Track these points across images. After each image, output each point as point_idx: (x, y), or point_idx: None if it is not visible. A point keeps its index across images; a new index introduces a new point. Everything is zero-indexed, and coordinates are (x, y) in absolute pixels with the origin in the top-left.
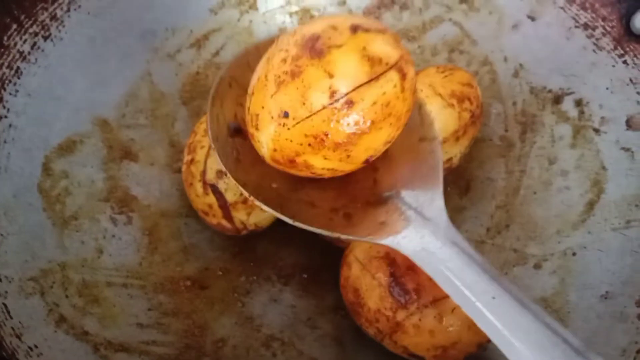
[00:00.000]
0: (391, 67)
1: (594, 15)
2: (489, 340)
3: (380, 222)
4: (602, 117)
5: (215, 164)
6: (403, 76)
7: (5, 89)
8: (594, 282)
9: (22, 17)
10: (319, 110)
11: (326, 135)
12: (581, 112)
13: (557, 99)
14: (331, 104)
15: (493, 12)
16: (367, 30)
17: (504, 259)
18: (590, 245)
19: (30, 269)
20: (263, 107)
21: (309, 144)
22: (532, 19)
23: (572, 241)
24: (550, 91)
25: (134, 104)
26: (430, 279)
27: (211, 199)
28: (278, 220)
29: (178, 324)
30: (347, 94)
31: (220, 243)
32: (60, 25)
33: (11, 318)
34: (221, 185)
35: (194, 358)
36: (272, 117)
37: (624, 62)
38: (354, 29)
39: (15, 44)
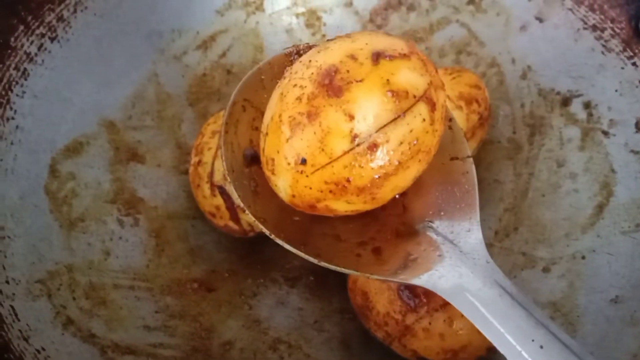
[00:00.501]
0: (419, 99)
1: (602, 16)
2: None
3: (412, 259)
4: (611, 120)
5: (222, 165)
6: (432, 107)
7: (12, 91)
8: (603, 286)
9: (29, 18)
10: (340, 156)
11: (348, 181)
12: (590, 115)
13: (566, 101)
14: (352, 149)
15: (500, 13)
16: (390, 58)
17: (513, 262)
18: (600, 248)
19: (37, 271)
20: (278, 152)
21: (330, 191)
22: (540, 20)
23: (581, 244)
24: (558, 93)
25: (140, 105)
26: None
27: (218, 200)
28: None
29: (185, 327)
30: (369, 136)
31: (228, 245)
32: (66, 27)
33: (19, 320)
34: (229, 187)
35: None
36: (289, 164)
37: (633, 64)
38: (376, 57)
39: (22, 46)
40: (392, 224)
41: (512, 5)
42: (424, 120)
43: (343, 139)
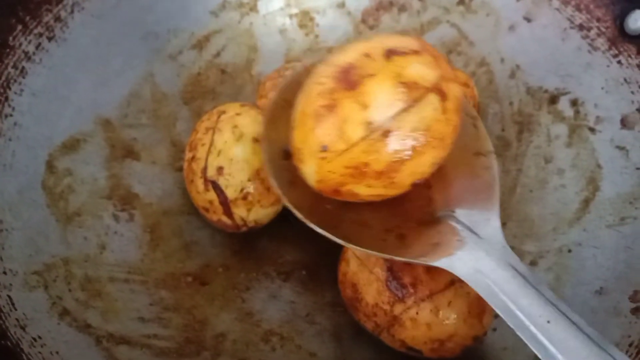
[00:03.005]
0: (430, 90)
1: (588, 16)
2: (485, 333)
3: (433, 243)
4: (597, 117)
5: (215, 161)
6: (443, 97)
7: (10, 88)
8: (588, 278)
9: (27, 18)
10: (357, 142)
11: (366, 165)
12: (577, 112)
13: (553, 99)
14: (368, 135)
15: (490, 14)
16: (402, 54)
17: None
18: (586, 242)
19: (35, 263)
20: (304, 142)
21: (351, 175)
22: (528, 20)
23: (567, 238)
24: (546, 91)
25: (136, 104)
26: (427, 273)
27: (212, 195)
28: (278, 217)
29: (179, 319)
30: (382, 124)
31: (221, 240)
32: (64, 27)
33: (16, 310)
34: (222, 182)
35: (194, 352)
36: (313, 151)
37: (619, 62)
38: (388, 54)
39: (21, 45)
40: (417, 214)
41: (501, 6)
42: (435, 109)
43: (359, 127)
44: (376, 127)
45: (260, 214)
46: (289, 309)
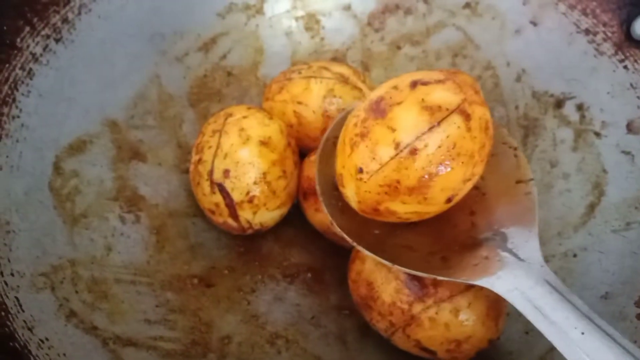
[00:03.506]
0: (452, 111)
1: (595, 20)
2: (498, 337)
3: (475, 264)
4: (603, 121)
5: (222, 163)
6: (467, 117)
7: (17, 90)
8: (594, 283)
9: (35, 20)
10: (387, 161)
11: (399, 182)
12: (582, 116)
13: (559, 103)
14: (397, 154)
15: (496, 17)
16: (425, 84)
17: None
18: (591, 246)
19: (41, 265)
20: (344, 167)
21: (386, 192)
22: (535, 24)
23: (573, 243)
24: (552, 95)
25: (142, 105)
26: None
27: (218, 197)
28: (283, 220)
29: (185, 321)
30: (410, 143)
31: (227, 242)
32: (71, 28)
33: (23, 311)
34: (228, 185)
35: (199, 354)
36: (351, 175)
37: (625, 67)
38: (414, 85)
39: (28, 46)
40: (461, 238)
41: (507, 10)
42: (459, 127)
43: (388, 147)
44: (404, 146)
45: (266, 216)
46: (294, 312)
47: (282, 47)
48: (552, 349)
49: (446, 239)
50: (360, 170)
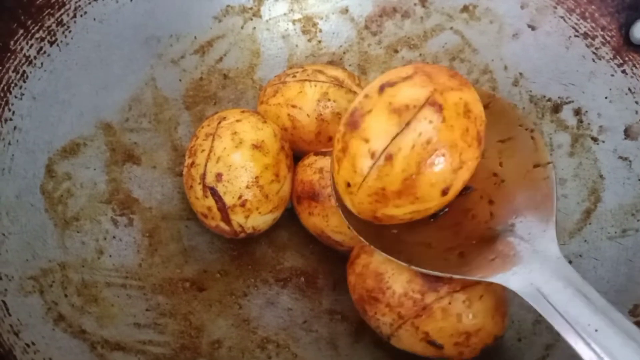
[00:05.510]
0: (421, 107)
1: (593, 24)
2: (502, 335)
3: (491, 259)
4: (601, 126)
5: (214, 167)
6: (439, 108)
7: (11, 92)
8: None
9: (29, 22)
10: (368, 172)
11: (384, 189)
12: (580, 121)
13: (556, 108)
14: (374, 163)
15: (493, 21)
16: (392, 84)
17: None
18: (586, 253)
19: (31, 268)
20: (337, 183)
21: (376, 201)
22: (532, 28)
23: (568, 249)
24: (549, 100)
25: (137, 108)
26: None
27: (210, 201)
28: (277, 224)
29: (175, 325)
30: (384, 150)
31: (220, 246)
32: (66, 31)
33: (10, 315)
34: (220, 188)
35: (189, 358)
36: (344, 189)
37: (623, 71)
38: (381, 88)
39: (22, 49)
40: (479, 230)
41: (504, 13)
42: (430, 122)
43: (365, 159)
44: (379, 154)
45: (258, 220)
46: (286, 316)
47: (278, 50)
48: (544, 357)
49: (465, 232)
50: (349, 185)
